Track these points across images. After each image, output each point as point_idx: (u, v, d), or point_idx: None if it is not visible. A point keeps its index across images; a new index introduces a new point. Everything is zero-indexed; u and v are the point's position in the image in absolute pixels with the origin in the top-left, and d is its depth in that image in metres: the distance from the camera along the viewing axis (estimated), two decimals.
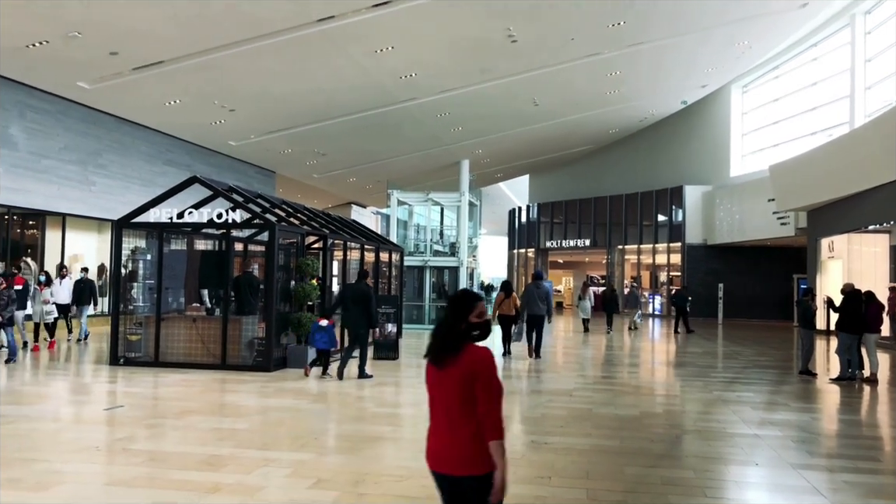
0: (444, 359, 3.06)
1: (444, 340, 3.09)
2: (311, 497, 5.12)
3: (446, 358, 3.05)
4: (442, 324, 3.14)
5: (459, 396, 3.01)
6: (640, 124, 33.21)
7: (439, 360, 3.08)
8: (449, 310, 3.15)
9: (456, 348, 3.04)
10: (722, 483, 5.96)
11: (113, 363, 11.93)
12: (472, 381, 2.99)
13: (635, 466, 6.21)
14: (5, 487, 5.15)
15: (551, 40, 18.49)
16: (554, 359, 15.39)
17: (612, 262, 36.95)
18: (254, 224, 12.65)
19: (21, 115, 17.31)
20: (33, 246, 18.42)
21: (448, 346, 3.06)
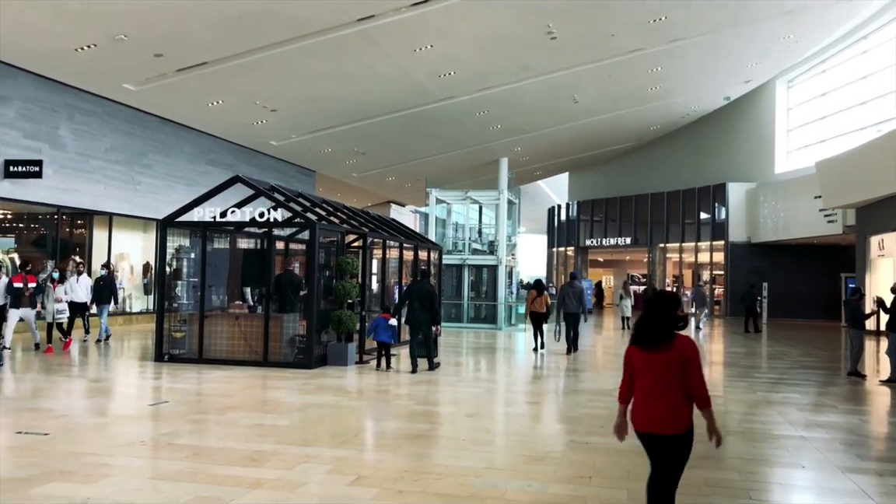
0: (658, 345, 3.99)
1: (659, 331, 4.00)
2: (352, 493, 5.15)
3: (659, 344, 3.99)
4: (649, 318, 4.05)
5: (668, 374, 3.97)
6: (682, 121, 32.74)
7: (653, 345, 4.00)
8: (661, 307, 4.03)
9: (670, 337, 3.99)
10: (767, 485, 5.85)
11: (158, 359, 12.15)
12: (683, 364, 3.95)
13: None
14: (57, 479, 5.29)
15: (591, 37, 18.33)
16: (594, 358, 15.27)
17: (654, 261, 36.53)
18: (295, 223, 12.79)
19: (70, 116, 17.76)
20: (81, 244, 18.87)
21: (664, 336, 3.99)
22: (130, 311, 20.30)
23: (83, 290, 14.85)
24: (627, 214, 37.31)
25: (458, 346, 16.74)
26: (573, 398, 9.79)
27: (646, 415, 4.07)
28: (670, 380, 3.97)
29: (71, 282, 14.69)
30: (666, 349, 3.96)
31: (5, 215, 17.17)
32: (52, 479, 5.28)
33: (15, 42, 14.92)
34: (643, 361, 4.05)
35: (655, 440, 4.08)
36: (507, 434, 7.63)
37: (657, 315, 4.02)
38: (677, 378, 3.97)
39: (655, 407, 4.02)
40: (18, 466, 5.62)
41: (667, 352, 3.96)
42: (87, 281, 15.05)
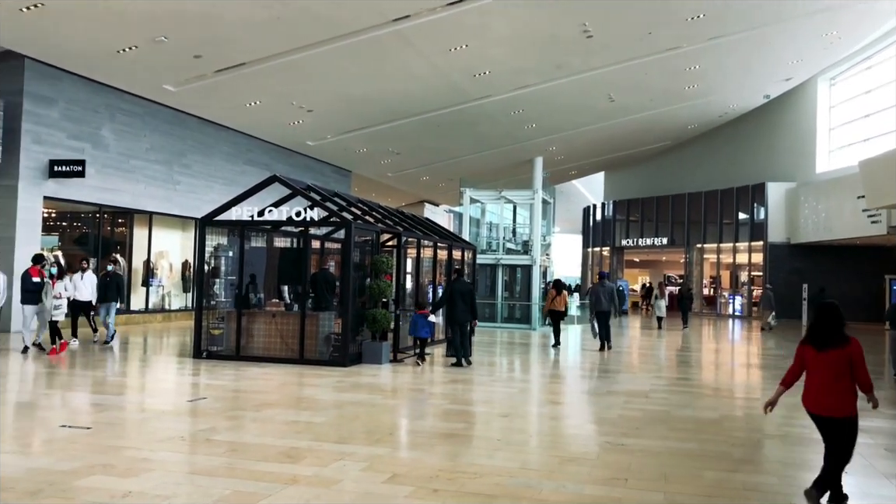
0: (829, 346, 5.03)
1: (832, 335, 5.05)
2: (387, 491, 5.18)
3: (831, 345, 5.02)
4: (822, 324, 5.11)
5: (839, 369, 4.99)
6: (720, 120, 32.27)
7: (826, 346, 5.03)
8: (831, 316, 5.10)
9: (843, 340, 5.01)
10: None
11: (196, 356, 12.33)
12: (850, 360, 4.98)
13: (715, 470, 6.04)
14: (99, 473, 5.40)
15: (628, 35, 18.16)
16: (629, 359, 15.14)
17: (691, 261, 36.08)
18: (331, 222, 12.89)
19: (111, 117, 18.12)
20: (122, 243, 19.25)
21: (839, 340, 5.02)
22: (169, 308, 20.65)
23: (88, 287, 14.06)
24: (664, 214, 36.90)
25: (491, 345, 16.72)
26: (608, 399, 9.72)
27: (820, 401, 5.07)
28: (840, 373, 4.98)
29: (75, 279, 13.98)
30: (837, 348, 4.99)
31: (50, 214, 17.58)
32: (94, 473, 5.40)
33: (59, 45, 15.28)
34: (815, 358, 5.10)
35: (829, 422, 5.04)
36: (541, 434, 7.60)
37: (829, 322, 5.08)
38: (846, 372, 4.98)
39: (828, 395, 5.02)
40: (62, 459, 5.75)
41: (837, 350, 4.98)
42: (92, 278, 14.28)
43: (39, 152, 16.19)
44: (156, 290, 20.16)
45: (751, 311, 32.08)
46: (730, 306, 33.62)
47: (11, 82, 15.86)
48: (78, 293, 13.89)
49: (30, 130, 15.98)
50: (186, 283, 21.03)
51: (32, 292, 12.48)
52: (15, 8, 13.07)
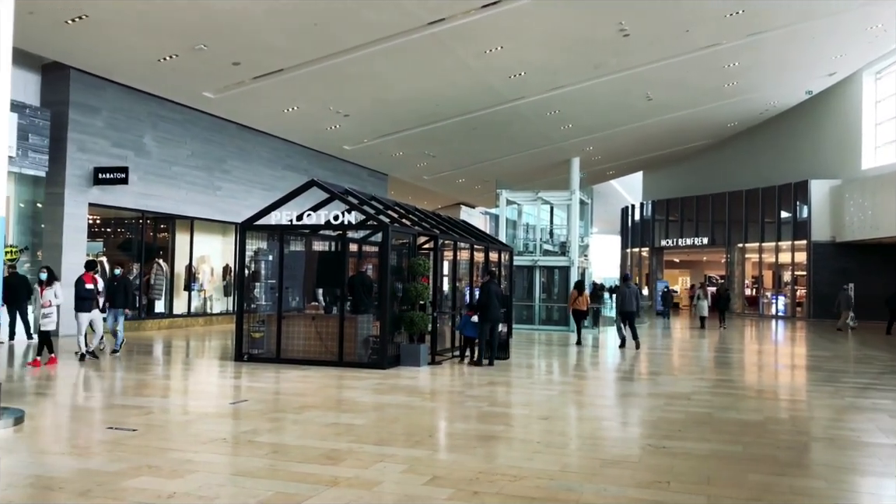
0: None
1: None
2: (427, 493, 5.19)
3: None
4: None
5: None
6: (761, 117, 31.71)
7: None
8: None
9: None
10: (857, 494, 5.61)
11: (237, 359, 12.49)
12: None
13: (760, 474, 5.93)
14: (146, 473, 5.51)
15: (665, 33, 17.96)
16: (670, 360, 14.96)
17: (732, 261, 35.52)
18: (368, 225, 12.97)
19: (153, 125, 18.48)
20: (165, 248, 19.61)
21: None
22: (211, 312, 20.97)
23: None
24: (704, 214, 36.38)
25: (529, 347, 16.65)
26: (649, 401, 9.60)
27: None
28: None
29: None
30: None
31: (94, 220, 17.99)
32: (141, 474, 5.50)
33: (103, 55, 15.64)
34: None
35: None
36: (581, 437, 7.54)
37: None
38: None
39: None
40: (110, 461, 5.87)
41: None
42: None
43: (84, 160, 16.58)
44: (197, 294, 20.49)
45: (794, 312, 31.45)
46: (772, 306, 33.01)
47: (58, 93, 16.28)
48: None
49: (75, 139, 16.38)
50: (227, 287, 21.34)
51: (86, 299, 12.27)
52: (60, 20, 13.43)
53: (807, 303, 30.60)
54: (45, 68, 16.32)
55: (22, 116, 15.05)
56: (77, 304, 12.28)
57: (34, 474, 5.55)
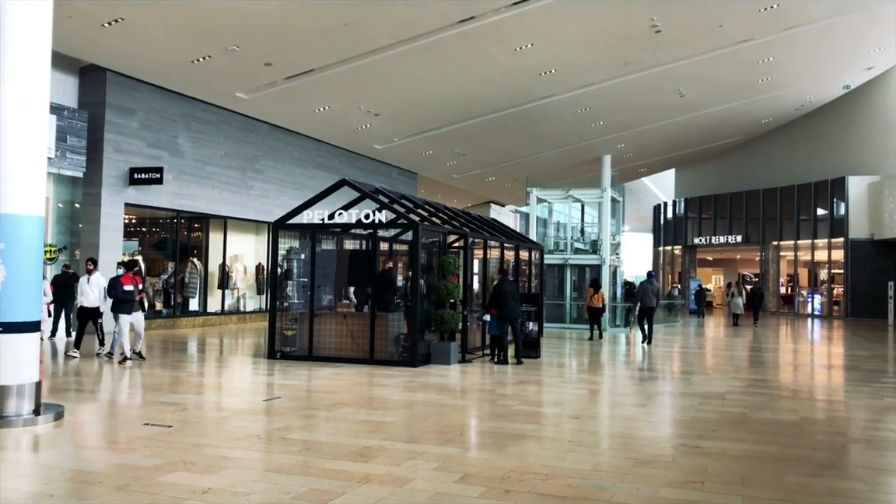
0: None
1: None
2: (458, 491, 5.20)
3: None
4: None
5: None
6: (796, 113, 31.18)
7: None
8: None
9: None
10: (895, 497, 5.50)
11: (270, 357, 12.62)
12: None
13: (796, 475, 5.84)
14: (181, 469, 5.59)
15: (698, 28, 17.74)
16: (702, 360, 14.80)
17: (766, 259, 34.99)
18: (398, 224, 13.02)
19: (187, 125, 18.74)
20: (199, 247, 19.88)
21: None
22: (244, 310, 21.22)
23: (95, 292, 12.44)
24: (738, 211, 35.88)
25: (560, 346, 16.58)
26: (682, 401, 9.51)
27: None
28: None
29: (81, 282, 12.72)
30: None
31: (130, 220, 18.29)
32: (176, 469, 5.59)
33: (138, 57, 15.90)
34: None
35: None
36: (613, 436, 7.49)
37: None
38: None
39: None
40: (147, 456, 5.97)
41: None
42: (100, 281, 12.59)
43: (120, 161, 16.87)
44: (231, 293, 20.74)
45: (831, 311, 30.89)
46: (808, 305, 32.46)
47: (94, 94, 16.58)
48: (84, 298, 12.49)
49: (111, 140, 16.67)
50: (260, 285, 21.56)
51: (126, 301, 11.82)
52: (97, 24, 13.69)
53: (844, 301, 30.03)
54: (83, 71, 16.64)
55: (60, 118, 15.36)
56: (116, 306, 11.84)
57: (74, 468, 5.67)
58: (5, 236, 7.11)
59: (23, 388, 7.12)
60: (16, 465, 6.03)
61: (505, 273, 13.59)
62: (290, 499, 4.94)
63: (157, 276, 18.67)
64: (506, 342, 12.79)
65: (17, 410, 7.06)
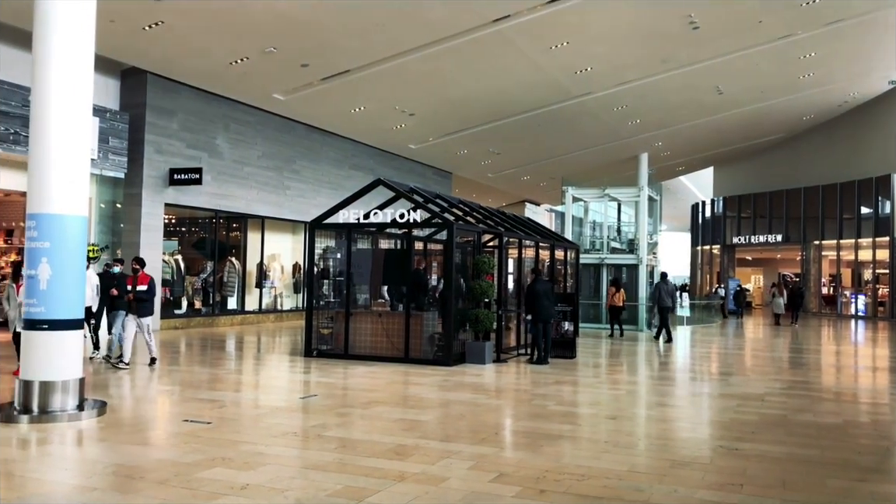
0: None
1: None
2: (493, 490, 5.19)
3: None
4: None
5: None
6: (839, 109, 30.49)
7: None
8: None
9: None
10: None
11: (307, 355, 12.74)
12: None
13: (839, 479, 5.72)
14: (219, 465, 5.68)
15: (737, 24, 17.45)
16: (741, 361, 14.57)
17: (808, 259, 34.31)
18: (433, 223, 13.05)
19: (226, 127, 19.00)
20: (237, 246, 20.14)
21: None
22: (281, 308, 21.45)
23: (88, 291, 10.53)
24: (778, 210, 35.24)
25: (596, 346, 16.47)
26: (720, 402, 9.37)
27: None
28: None
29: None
30: None
31: (170, 220, 18.61)
32: (215, 465, 5.67)
33: (178, 60, 16.17)
34: None
35: None
36: (650, 437, 7.41)
37: None
38: None
39: None
40: (186, 452, 6.08)
41: None
42: (92, 279, 11.46)
43: (161, 162, 17.17)
44: (268, 292, 20.97)
45: (876, 312, 30.18)
46: (851, 306, 31.75)
47: (135, 96, 16.91)
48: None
49: (152, 141, 16.97)
50: (297, 284, 21.78)
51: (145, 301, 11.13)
52: (138, 27, 13.95)
53: (889, 302, 29.32)
54: (124, 73, 16.98)
55: (103, 120, 15.68)
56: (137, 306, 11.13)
57: (116, 463, 5.79)
58: (50, 236, 7.29)
59: (67, 383, 7.29)
60: (61, 459, 6.18)
61: (538, 273, 13.55)
62: (327, 496, 4.98)
63: (196, 276, 18.97)
64: (541, 341, 12.75)
65: (62, 405, 7.23)
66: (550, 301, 12.87)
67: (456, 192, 29.54)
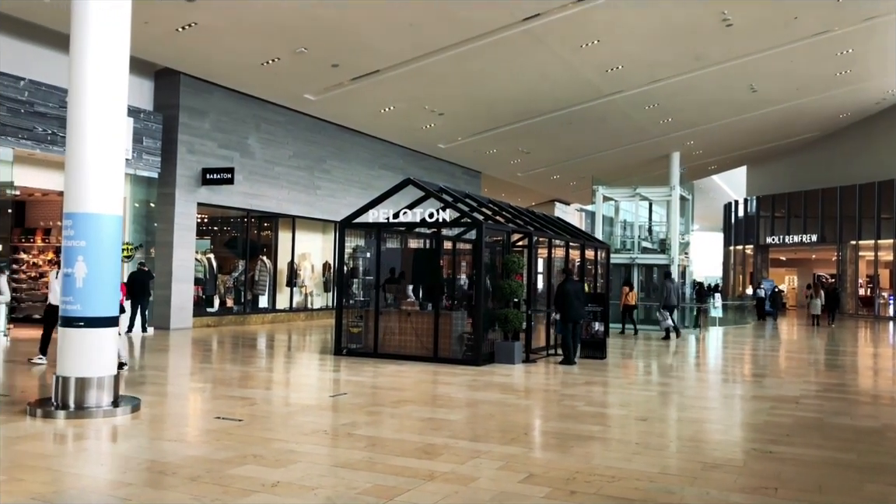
0: None
1: None
2: (523, 491, 5.17)
3: None
4: None
5: None
6: (877, 107, 29.89)
7: None
8: None
9: None
10: None
11: (337, 353, 12.81)
12: None
13: (877, 483, 5.60)
14: (251, 462, 5.73)
15: (771, 21, 17.19)
16: (776, 363, 14.35)
17: (844, 259, 33.68)
18: (462, 223, 13.04)
19: (257, 127, 19.18)
20: (268, 245, 20.32)
21: None
22: (311, 307, 21.60)
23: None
24: (813, 210, 34.65)
25: (626, 347, 16.33)
26: (753, 404, 9.24)
27: None
28: None
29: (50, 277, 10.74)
30: None
31: (202, 219, 18.83)
32: (246, 462, 5.72)
33: (210, 61, 16.36)
34: None
35: None
36: (681, 439, 7.33)
37: None
38: None
39: None
40: (217, 449, 6.14)
41: None
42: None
43: (193, 161, 17.38)
44: (299, 290, 21.14)
45: None
46: (890, 307, 31.12)
47: (169, 97, 17.13)
48: (53, 296, 10.26)
49: (185, 141, 17.19)
50: (327, 283, 21.91)
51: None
52: (172, 29, 14.14)
53: None
54: (158, 74, 17.21)
55: (137, 121, 15.92)
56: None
57: (150, 459, 5.87)
58: (86, 234, 7.40)
59: (102, 380, 7.41)
60: (96, 454, 6.28)
61: (569, 273, 13.48)
62: (357, 494, 5.00)
63: (227, 274, 19.20)
64: (570, 341, 12.67)
65: (97, 402, 7.35)
66: (580, 301, 12.80)
67: (485, 192, 29.51)
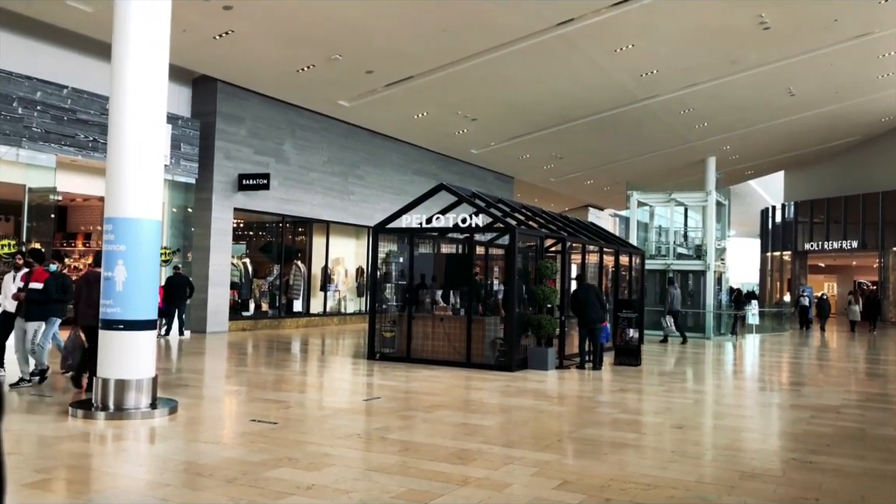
0: None
1: None
2: (557, 498, 5.13)
3: None
4: None
5: None
6: None
7: None
8: None
9: None
10: None
11: (370, 357, 12.87)
12: None
13: None
14: (285, 465, 5.78)
15: (809, 23, 16.91)
16: (815, 371, 14.08)
17: (886, 266, 32.93)
18: (495, 228, 13.04)
19: (292, 133, 19.39)
20: (302, 250, 20.51)
21: None
22: (345, 311, 21.73)
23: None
24: (854, 216, 33.93)
25: (662, 354, 16.15)
26: (793, 413, 9.07)
27: None
28: None
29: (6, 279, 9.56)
30: None
31: (238, 224, 19.07)
32: (281, 465, 5.78)
33: (246, 68, 16.58)
34: None
35: None
36: (718, 448, 7.22)
37: None
38: None
39: None
40: (252, 451, 6.20)
41: None
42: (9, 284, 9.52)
43: (230, 167, 17.62)
44: (332, 295, 21.29)
45: None
46: None
47: (206, 104, 17.40)
48: (6, 301, 9.30)
49: (222, 147, 17.43)
50: (360, 287, 22.04)
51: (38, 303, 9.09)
52: (209, 37, 14.37)
53: None
54: (195, 81, 17.50)
55: (175, 127, 16.19)
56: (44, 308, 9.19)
57: (187, 460, 5.95)
58: (126, 239, 7.55)
59: (141, 382, 7.53)
60: (134, 455, 6.39)
61: (581, 279, 13.57)
62: (390, 498, 5.02)
63: (263, 278, 19.43)
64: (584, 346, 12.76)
65: (135, 403, 7.47)
66: (594, 306, 12.74)
67: (518, 197, 29.43)
